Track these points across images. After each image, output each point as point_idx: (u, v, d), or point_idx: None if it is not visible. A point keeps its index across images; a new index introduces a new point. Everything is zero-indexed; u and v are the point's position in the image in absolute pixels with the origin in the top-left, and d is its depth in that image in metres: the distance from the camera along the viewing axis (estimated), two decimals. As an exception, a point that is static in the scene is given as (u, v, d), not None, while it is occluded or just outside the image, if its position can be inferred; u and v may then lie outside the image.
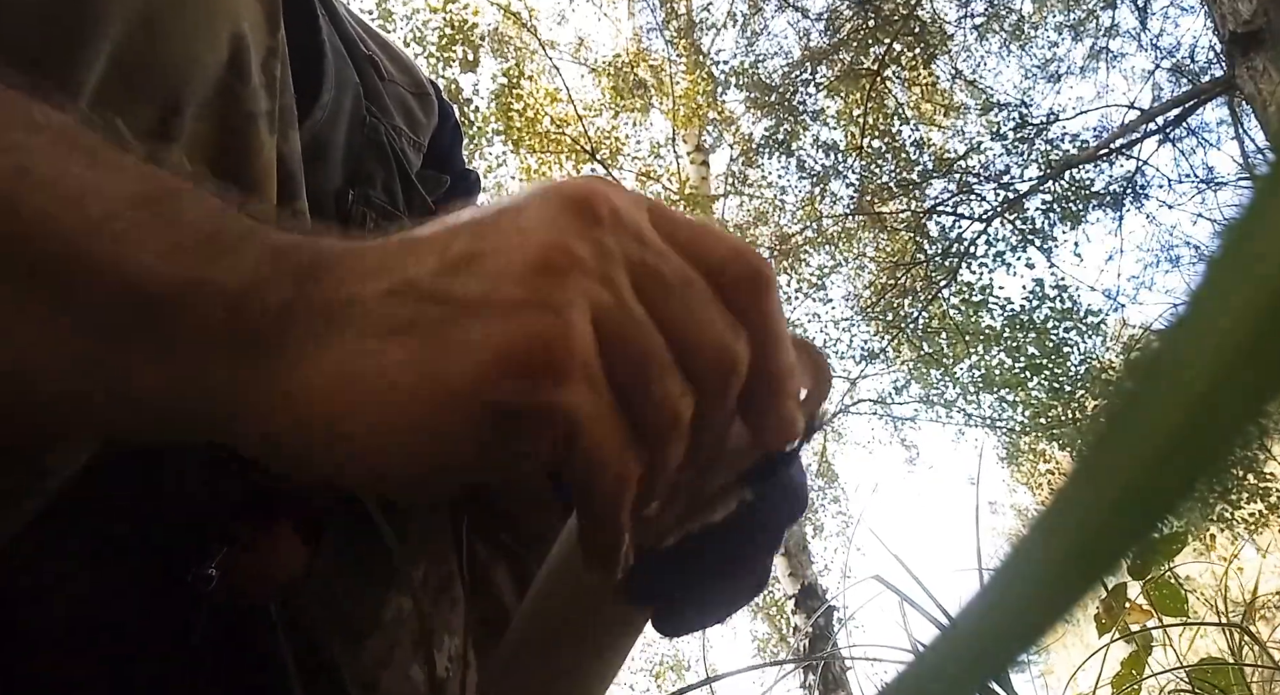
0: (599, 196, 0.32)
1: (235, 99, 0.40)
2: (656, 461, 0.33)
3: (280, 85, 0.43)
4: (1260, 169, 0.09)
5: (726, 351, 0.32)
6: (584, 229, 0.31)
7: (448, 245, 0.31)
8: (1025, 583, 0.10)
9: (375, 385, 0.29)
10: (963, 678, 0.11)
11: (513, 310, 0.29)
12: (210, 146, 0.39)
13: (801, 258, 8.04)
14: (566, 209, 0.31)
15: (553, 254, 0.30)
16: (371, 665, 0.48)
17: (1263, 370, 0.09)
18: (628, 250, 0.32)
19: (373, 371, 0.29)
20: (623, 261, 0.31)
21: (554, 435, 0.30)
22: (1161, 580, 1.29)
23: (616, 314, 0.30)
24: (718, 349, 0.32)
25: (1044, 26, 8.07)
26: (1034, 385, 7.15)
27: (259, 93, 0.41)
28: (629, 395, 0.31)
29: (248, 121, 0.41)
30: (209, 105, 0.39)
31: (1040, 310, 7.02)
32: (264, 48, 0.42)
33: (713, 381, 0.33)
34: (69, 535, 0.40)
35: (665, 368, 0.31)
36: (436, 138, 0.70)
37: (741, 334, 0.33)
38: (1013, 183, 6.90)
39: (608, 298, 0.30)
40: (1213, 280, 0.09)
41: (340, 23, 0.64)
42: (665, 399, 0.31)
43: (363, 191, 0.59)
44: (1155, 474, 0.09)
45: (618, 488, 0.32)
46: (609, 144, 8.01)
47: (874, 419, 8.51)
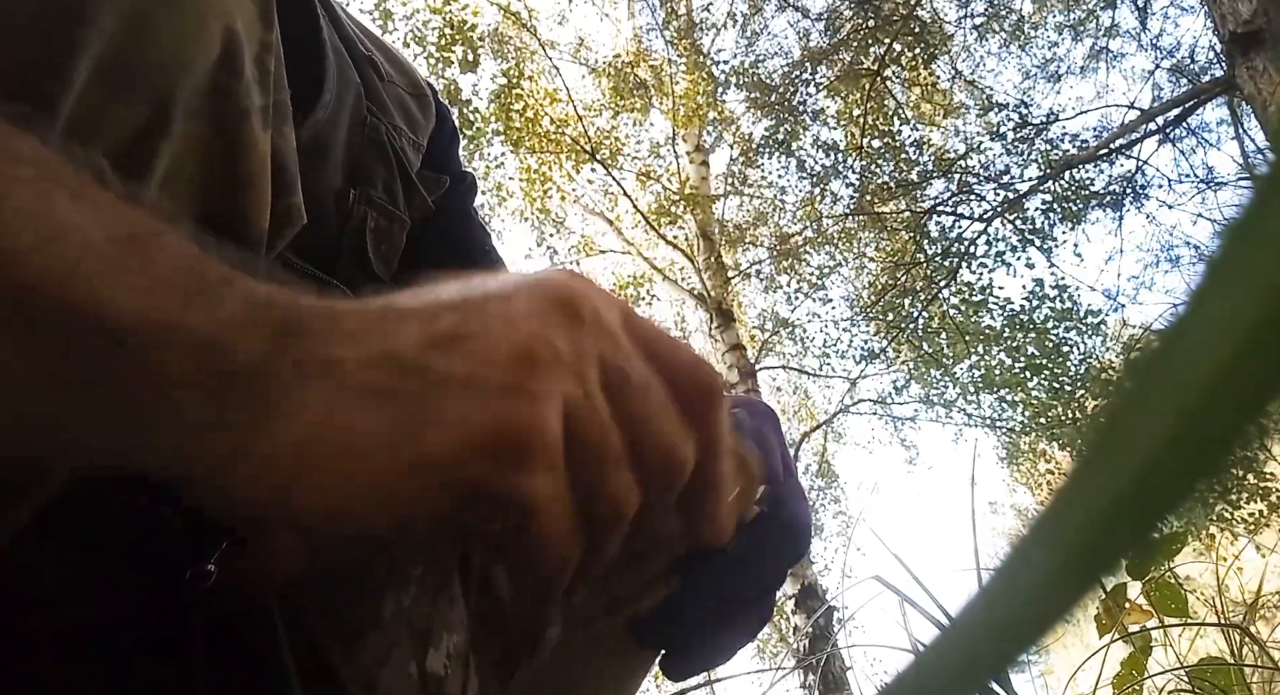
0: (583, 298, 0.34)
1: (228, 95, 0.40)
2: (596, 548, 0.35)
3: (275, 80, 0.43)
4: (1260, 169, 0.09)
5: (675, 453, 0.35)
6: (566, 326, 0.33)
7: (434, 321, 0.32)
8: (1025, 583, 0.10)
9: (346, 446, 0.29)
10: (963, 678, 0.11)
11: (494, 394, 0.30)
12: (203, 143, 0.39)
13: (801, 258, 8.04)
14: (552, 305, 0.33)
15: (536, 346, 0.31)
16: (371, 664, 0.48)
17: (1263, 370, 0.09)
18: (603, 350, 0.34)
19: (348, 431, 0.29)
20: (596, 361, 0.33)
21: (509, 516, 0.31)
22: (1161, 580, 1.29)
23: (585, 409, 0.32)
24: (668, 450, 0.35)
25: (1044, 26, 8.08)
26: (1034, 385, 7.16)
27: (252, 88, 0.41)
28: (583, 486, 0.33)
29: (241, 117, 0.40)
30: (201, 101, 0.39)
31: (1040, 310, 7.02)
32: (257, 42, 0.42)
33: (659, 479, 0.35)
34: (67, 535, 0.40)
35: (620, 462, 0.34)
36: (434, 139, 0.70)
37: (690, 439, 0.36)
38: (1013, 183, 6.91)
39: (579, 393, 0.32)
40: (1213, 280, 0.09)
41: (339, 23, 0.64)
42: (615, 494, 0.34)
43: (364, 191, 0.59)
44: (1155, 474, 0.09)
45: (558, 571, 0.33)
46: (609, 144, 8.01)
47: (874, 419, 8.52)
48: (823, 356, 8.05)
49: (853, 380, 8.07)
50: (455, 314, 0.32)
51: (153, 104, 0.37)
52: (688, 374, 0.36)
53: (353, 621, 0.48)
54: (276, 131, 0.43)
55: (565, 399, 0.32)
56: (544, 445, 0.31)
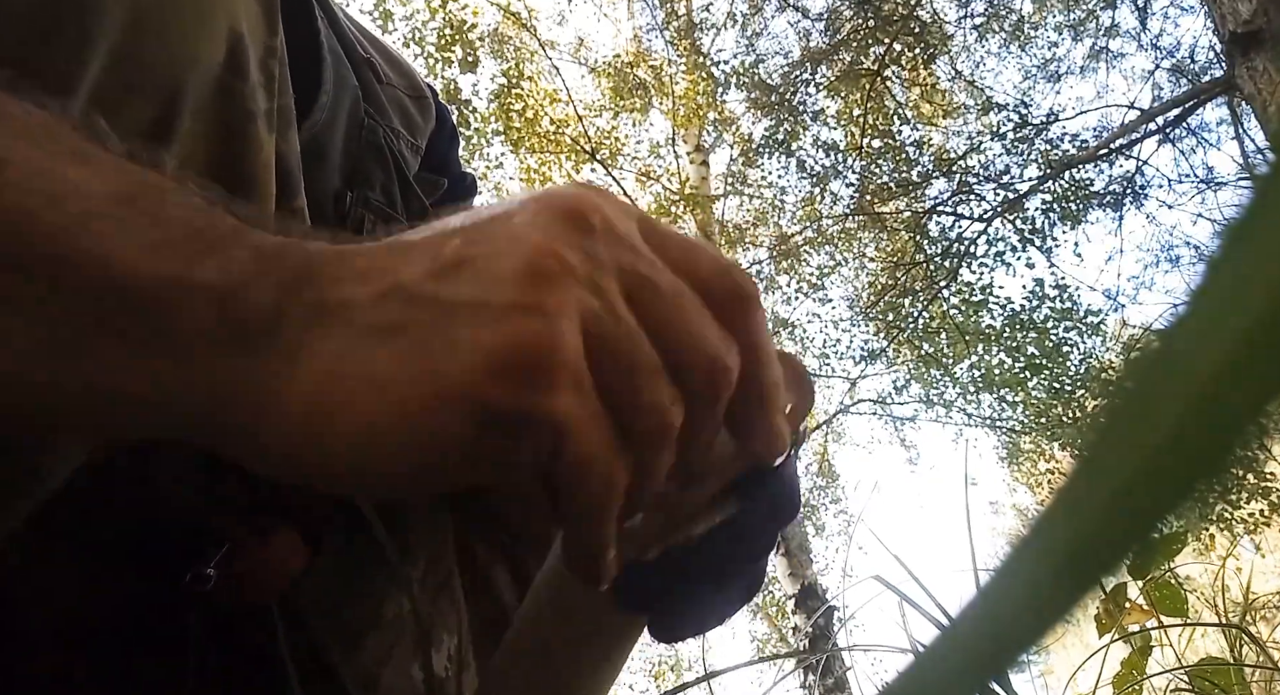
0: (591, 205, 0.32)
1: (233, 97, 0.40)
2: (644, 470, 0.33)
3: (279, 84, 0.43)
4: (1260, 169, 0.09)
5: (718, 361, 0.33)
6: (575, 237, 0.31)
7: (439, 249, 0.31)
8: (1025, 583, 0.10)
9: (365, 386, 0.29)
10: (963, 678, 0.11)
11: (502, 314, 0.29)
12: (208, 145, 0.39)
13: (801, 258, 8.04)
14: (558, 216, 0.32)
15: (544, 260, 0.30)
16: (371, 664, 0.48)
17: (1263, 370, 0.09)
18: (620, 259, 0.32)
19: (362, 372, 0.29)
20: (614, 270, 0.32)
21: (541, 440, 0.30)
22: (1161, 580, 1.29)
23: (606, 321, 0.31)
24: (710, 359, 0.33)
25: (1044, 26, 8.07)
26: (1034, 385, 7.16)
27: (257, 91, 0.41)
28: (618, 402, 0.31)
29: (246, 120, 0.41)
30: (207, 104, 0.39)
31: (1040, 310, 7.02)
32: (262, 46, 0.42)
33: (703, 391, 0.33)
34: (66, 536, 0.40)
35: (655, 375, 0.32)
36: (433, 141, 0.70)
37: (733, 346, 0.34)
38: (1013, 183, 6.90)
39: (597, 304, 0.31)
40: (1213, 280, 0.09)
41: (338, 25, 0.64)
42: (654, 406, 0.32)
43: (361, 193, 0.59)
44: (1156, 474, 0.09)
45: (604, 494, 0.32)
46: (609, 144, 8.01)
47: (874, 419, 8.51)
48: (822, 357, 8.05)
49: (853, 380, 8.07)
50: (458, 238, 0.31)
51: (159, 103, 0.37)
52: (720, 278, 0.34)
53: (353, 622, 0.48)
54: (280, 136, 0.44)
55: (583, 310, 0.30)
56: (563, 360, 0.29)
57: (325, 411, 0.29)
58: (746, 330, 0.34)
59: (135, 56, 0.37)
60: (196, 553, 0.42)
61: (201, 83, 0.39)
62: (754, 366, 0.34)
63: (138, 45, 0.37)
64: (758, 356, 0.34)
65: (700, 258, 0.34)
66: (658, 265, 0.33)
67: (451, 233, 0.32)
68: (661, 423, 0.32)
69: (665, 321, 0.32)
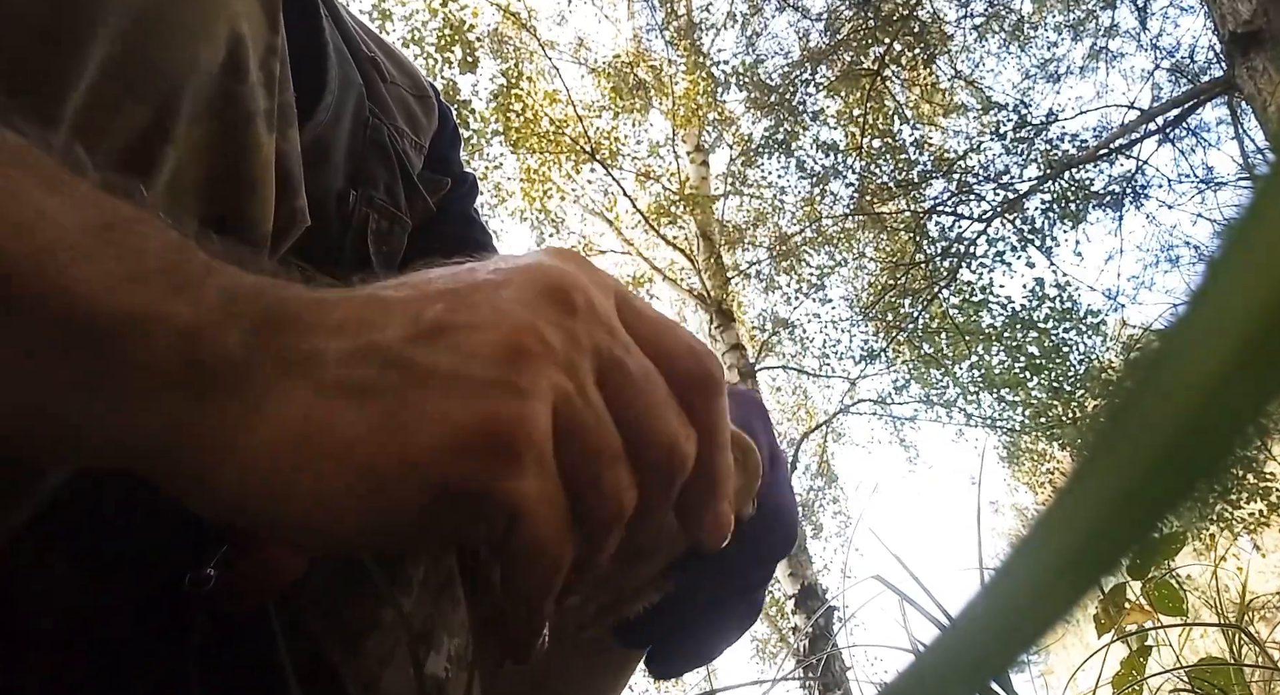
0: (577, 286, 0.32)
1: (233, 98, 0.40)
2: (592, 549, 0.33)
3: (280, 83, 0.43)
4: (1260, 169, 0.09)
5: (677, 450, 0.33)
6: (558, 316, 0.31)
7: (420, 312, 0.30)
8: (1026, 583, 0.10)
9: (329, 445, 0.28)
10: (963, 678, 0.11)
11: (476, 391, 0.29)
12: (208, 145, 0.39)
13: (801, 258, 8.04)
14: (543, 293, 0.32)
15: (525, 338, 0.30)
16: (372, 665, 0.48)
17: (1264, 370, 0.09)
18: (597, 340, 0.32)
19: (328, 430, 0.28)
20: (590, 352, 0.32)
21: (496, 518, 0.30)
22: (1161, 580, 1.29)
23: (578, 404, 0.31)
24: (669, 447, 0.33)
25: (1044, 26, 8.07)
26: (1034, 385, 7.16)
27: (257, 91, 0.41)
28: (577, 483, 0.31)
29: (246, 120, 0.40)
30: (207, 104, 0.39)
31: (1040, 310, 7.02)
32: (263, 45, 0.42)
33: (660, 477, 0.34)
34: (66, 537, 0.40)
35: (617, 460, 0.32)
36: (436, 140, 0.70)
37: (691, 434, 0.34)
38: (1012, 183, 6.90)
39: (571, 388, 0.31)
40: (1213, 280, 0.09)
41: (342, 23, 0.64)
42: (612, 491, 0.32)
43: (365, 193, 0.59)
44: (1156, 474, 0.09)
45: (550, 575, 0.32)
46: (609, 144, 8.01)
47: (874, 419, 8.51)
48: (822, 357, 8.05)
49: (852, 380, 8.07)
50: (441, 303, 0.31)
51: (158, 106, 0.37)
52: (687, 362, 0.35)
53: (354, 623, 0.48)
54: (281, 135, 0.43)
55: (556, 393, 0.30)
56: (531, 443, 0.29)
57: (286, 468, 0.28)
58: (706, 417, 0.35)
59: (134, 59, 0.36)
60: (196, 553, 0.42)
61: (201, 85, 0.38)
62: (708, 455, 0.35)
63: (137, 48, 0.36)
64: (713, 443, 0.35)
65: (673, 338, 0.35)
66: (631, 348, 0.33)
67: (435, 296, 0.31)
68: (617, 507, 0.32)
69: (631, 405, 0.32)
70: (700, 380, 0.35)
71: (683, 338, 0.35)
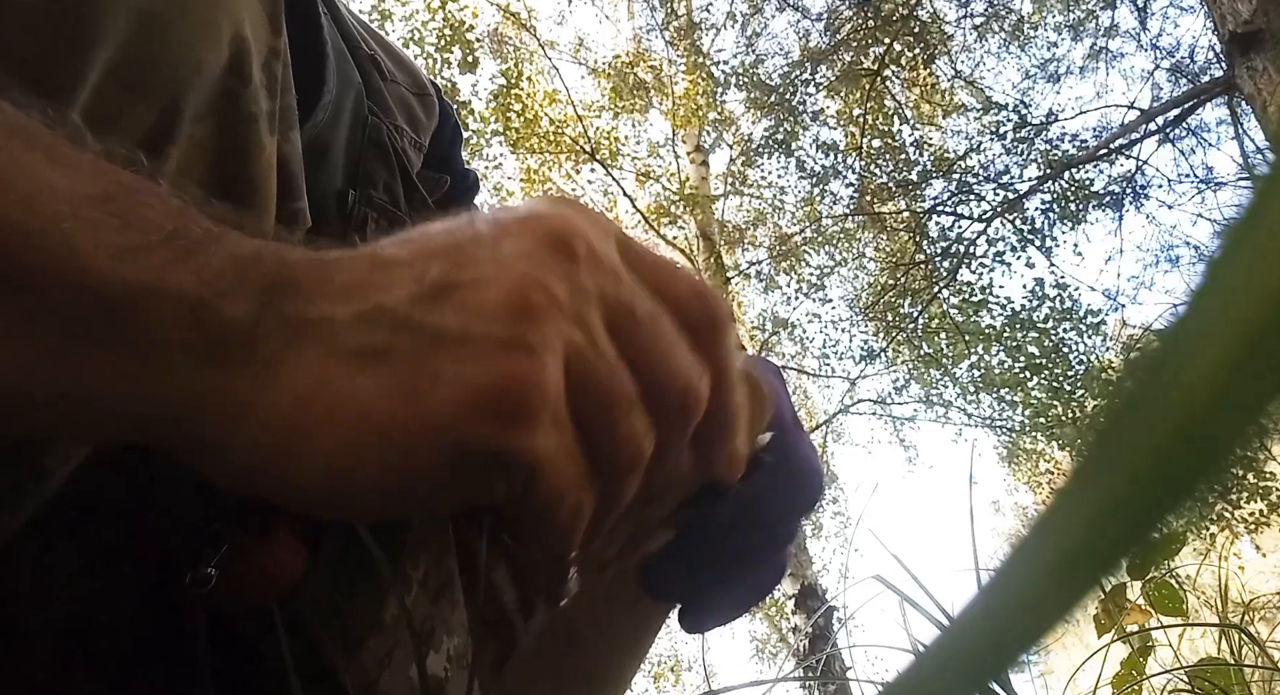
0: (577, 233, 0.32)
1: (236, 100, 0.40)
2: (611, 496, 0.33)
3: (282, 85, 0.43)
4: (1260, 169, 0.09)
5: (691, 391, 0.33)
6: (562, 266, 0.31)
7: (423, 271, 0.30)
8: (1026, 583, 0.10)
9: (344, 410, 0.28)
10: (963, 678, 0.11)
11: (489, 349, 0.29)
12: (210, 148, 0.39)
13: (801, 258, 8.04)
14: (544, 243, 0.31)
15: (531, 292, 0.30)
16: (372, 666, 0.48)
17: (1264, 371, 0.09)
18: (603, 288, 0.32)
19: (343, 396, 0.28)
20: (597, 300, 0.32)
21: (515, 475, 0.30)
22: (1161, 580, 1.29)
23: (589, 355, 0.31)
24: (684, 389, 0.33)
25: (1043, 26, 8.07)
26: (1034, 385, 7.16)
27: (260, 93, 0.41)
28: (593, 433, 0.32)
29: (248, 122, 0.40)
30: (209, 106, 0.39)
31: (1040, 310, 7.02)
32: (265, 48, 0.42)
33: (675, 419, 0.34)
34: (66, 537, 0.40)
35: (632, 407, 0.32)
36: (437, 138, 0.70)
37: (704, 373, 0.34)
38: (1012, 183, 6.91)
39: (581, 339, 0.31)
40: (1214, 280, 0.09)
41: (342, 22, 0.64)
42: (629, 437, 0.32)
43: (364, 192, 0.59)
44: (1156, 474, 0.09)
45: (572, 524, 0.32)
46: (608, 144, 8.01)
47: (874, 419, 8.51)
48: (822, 357, 8.06)
49: (852, 380, 8.08)
50: (444, 261, 0.31)
51: (161, 107, 0.37)
52: (693, 302, 0.34)
53: (354, 624, 0.48)
54: (282, 137, 0.43)
55: (567, 346, 0.30)
56: (544, 400, 0.29)
57: (304, 430, 0.28)
58: (715, 355, 0.35)
59: (138, 62, 0.36)
60: (196, 554, 0.42)
61: (204, 87, 0.38)
62: (720, 392, 0.35)
63: (140, 50, 0.36)
64: (724, 382, 0.35)
65: (676, 280, 0.35)
66: (638, 292, 0.33)
67: (435, 252, 0.31)
68: (635, 453, 0.33)
69: (643, 349, 0.32)
70: (707, 320, 0.34)
71: (686, 279, 0.35)
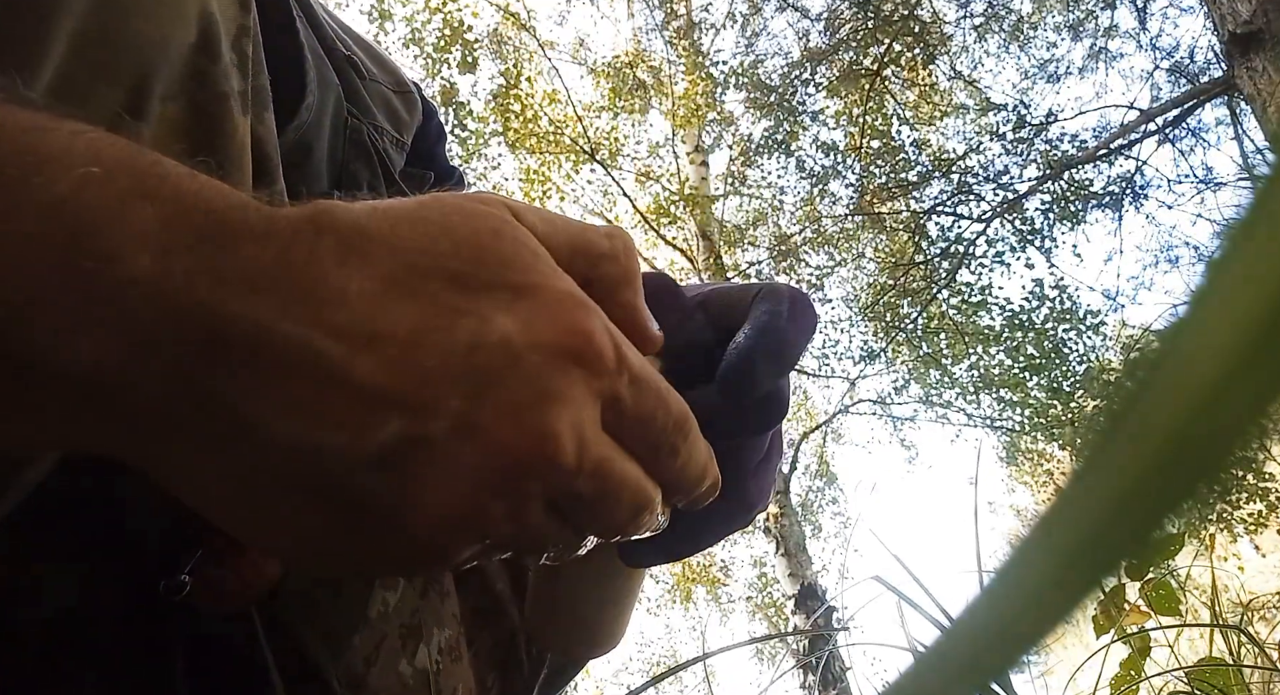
0: (594, 341, 0.29)
1: (206, 78, 0.39)
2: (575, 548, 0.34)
3: (254, 65, 0.42)
4: (1260, 169, 0.09)
5: (652, 510, 0.33)
6: (583, 388, 0.29)
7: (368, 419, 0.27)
8: (1026, 583, 0.10)
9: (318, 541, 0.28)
10: (963, 678, 0.11)
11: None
12: (181, 128, 0.38)
13: (801, 258, 8.04)
14: (565, 360, 0.28)
15: (550, 442, 0.28)
16: (358, 663, 0.47)
17: (1264, 371, 0.09)
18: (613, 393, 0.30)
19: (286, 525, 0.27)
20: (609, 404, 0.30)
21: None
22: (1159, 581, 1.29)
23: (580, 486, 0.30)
24: (645, 506, 0.32)
25: (1043, 26, 8.08)
26: (1033, 385, 7.16)
27: (230, 72, 0.40)
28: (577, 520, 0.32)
29: (219, 101, 0.39)
30: (179, 85, 0.38)
31: (1040, 310, 7.02)
32: (235, 25, 0.41)
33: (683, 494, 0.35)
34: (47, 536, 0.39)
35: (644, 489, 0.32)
36: (420, 135, 0.70)
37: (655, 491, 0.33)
38: (1012, 183, 6.91)
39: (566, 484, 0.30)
40: (1214, 280, 0.09)
41: (318, 24, 0.63)
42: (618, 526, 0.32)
43: (349, 194, 0.58)
44: (1157, 475, 0.09)
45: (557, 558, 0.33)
46: (608, 144, 8.01)
47: (873, 419, 8.51)
48: (822, 357, 8.05)
49: (852, 380, 8.08)
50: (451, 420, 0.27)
51: (129, 87, 0.36)
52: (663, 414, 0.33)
53: (339, 621, 0.47)
54: (256, 117, 0.43)
55: (546, 496, 0.29)
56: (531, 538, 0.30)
57: (257, 524, 0.28)
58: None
59: (102, 38, 0.35)
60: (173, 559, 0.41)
61: (172, 66, 0.37)
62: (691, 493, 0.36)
63: (104, 26, 0.35)
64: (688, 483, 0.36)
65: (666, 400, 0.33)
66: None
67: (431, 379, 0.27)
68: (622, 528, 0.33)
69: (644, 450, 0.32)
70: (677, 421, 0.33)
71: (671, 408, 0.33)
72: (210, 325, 0.25)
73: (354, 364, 0.25)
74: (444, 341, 0.26)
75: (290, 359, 0.25)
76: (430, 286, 0.27)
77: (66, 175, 0.24)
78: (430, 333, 0.26)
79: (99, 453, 0.27)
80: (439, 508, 0.27)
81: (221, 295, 0.25)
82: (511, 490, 0.27)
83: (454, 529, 0.27)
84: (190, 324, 0.25)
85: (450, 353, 0.26)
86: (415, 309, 0.27)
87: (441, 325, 0.27)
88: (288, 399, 0.25)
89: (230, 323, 0.25)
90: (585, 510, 0.30)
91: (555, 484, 0.28)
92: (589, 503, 0.30)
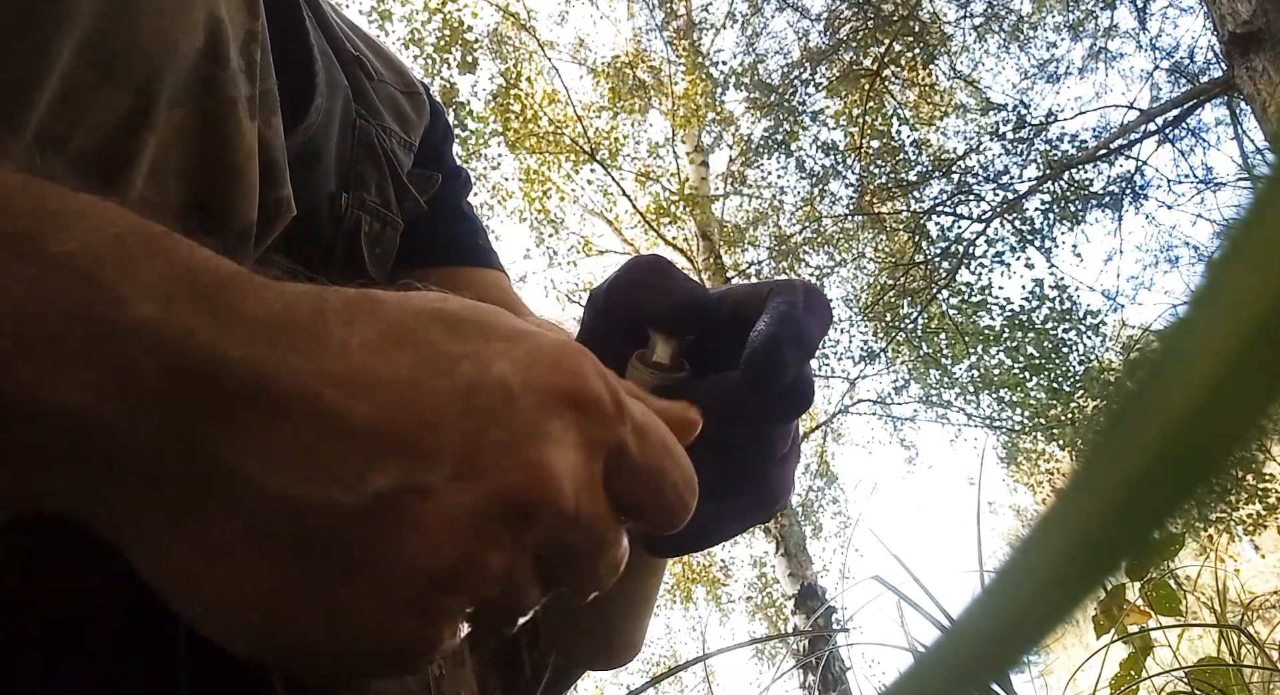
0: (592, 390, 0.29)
1: (214, 84, 0.39)
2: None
3: (261, 70, 0.42)
4: (1260, 169, 0.09)
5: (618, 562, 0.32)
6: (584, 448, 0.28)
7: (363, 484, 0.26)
8: (1026, 584, 0.10)
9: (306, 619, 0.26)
10: (963, 678, 0.11)
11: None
12: (189, 133, 0.38)
13: (801, 258, 8.04)
14: (567, 414, 0.28)
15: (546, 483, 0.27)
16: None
17: (1264, 371, 0.09)
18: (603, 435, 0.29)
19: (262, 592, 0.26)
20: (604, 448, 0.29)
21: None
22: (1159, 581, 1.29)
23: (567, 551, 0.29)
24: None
25: (1043, 26, 8.08)
26: (1033, 385, 7.16)
27: (238, 77, 0.40)
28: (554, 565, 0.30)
29: (227, 107, 0.40)
30: (186, 91, 0.38)
31: (1040, 310, 7.03)
32: (243, 30, 0.41)
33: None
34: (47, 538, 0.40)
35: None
36: (427, 135, 0.70)
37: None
38: (1012, 183, 6.91)
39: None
40: (1214, 280, 0.09)
41: (326, 25, 0.63)
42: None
43: (357, 195, 0.58)
44: (1157, 475, 0.09)
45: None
46: (608, 144, 8.01)
47: (874, 419, 8.52)
48: (822, 357, 8.05)
49: (852, 380, 8.08)
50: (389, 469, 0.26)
51: (137, 92, 0.36)
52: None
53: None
54: (264, 122, 0.43)
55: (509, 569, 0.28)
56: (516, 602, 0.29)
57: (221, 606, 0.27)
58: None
59: (110, 43, 0.35)
60: None
61: (180, 71, 0.38)
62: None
63: (112, 32, 0.36)
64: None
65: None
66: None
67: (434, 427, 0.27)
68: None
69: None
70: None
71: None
72: (210, 369, 0.25)
73: (353, 408, 0.25)
74: (443, 384, 0.26)
75: (289, 404, 0.25)
76: (430, 334, 0.27)
77: (81, 234, 0.25)
78: (429, 376, 0.26)
79: (64, 508, 0.26)
80: (429, 559, 0.26)
81: (223, 342, 0.25)
82: (508, 539, 0.27)
83: (442, 586, 0.26)
84: (190, 367, 0.25)
85: (449, 395, 0.26)
86: (415, 354, 0.27)
87: (440, 369, 0.27)
88: (281, 446, 0.25)
89: (230, 367, 0.25)
90: (570, 564, 0.29)
91: (551, 529, 0.27)
92: (578, 555, 0.29)
